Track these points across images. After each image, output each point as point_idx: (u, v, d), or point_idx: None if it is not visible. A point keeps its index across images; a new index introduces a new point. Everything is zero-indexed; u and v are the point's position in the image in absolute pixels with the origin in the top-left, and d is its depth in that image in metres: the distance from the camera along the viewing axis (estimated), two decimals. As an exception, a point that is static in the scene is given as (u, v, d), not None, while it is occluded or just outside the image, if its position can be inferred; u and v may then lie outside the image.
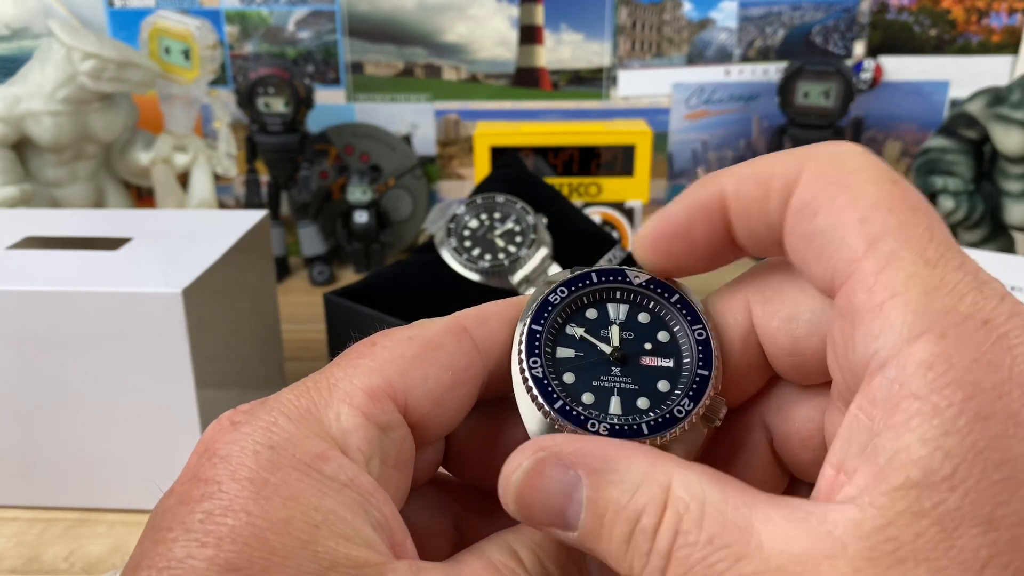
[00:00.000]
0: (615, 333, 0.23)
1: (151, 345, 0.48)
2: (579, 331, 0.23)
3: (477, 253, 0.62)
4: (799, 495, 0.18)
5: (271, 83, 0.86)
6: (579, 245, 0.67)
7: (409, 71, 0.98)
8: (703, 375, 0.22)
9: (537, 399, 0.21)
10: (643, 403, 0.22)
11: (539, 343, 0.22)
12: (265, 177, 0.94)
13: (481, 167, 0.86)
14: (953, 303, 0.17)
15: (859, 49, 0.97)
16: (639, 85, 0.99)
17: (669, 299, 0.23)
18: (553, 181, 0.84)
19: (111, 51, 0.77)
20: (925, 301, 0.17)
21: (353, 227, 0.92)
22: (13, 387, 0.49)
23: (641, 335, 0.23)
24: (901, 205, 0.18)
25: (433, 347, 0.22)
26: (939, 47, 0.97)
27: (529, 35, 0.96)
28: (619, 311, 0.23)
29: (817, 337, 0.21)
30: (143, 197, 0.98)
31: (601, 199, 0.88)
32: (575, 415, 0.21)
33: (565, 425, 0.21)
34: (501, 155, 0.85)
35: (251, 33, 0.96)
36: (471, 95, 0.99)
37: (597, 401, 0.22)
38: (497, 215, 0.64)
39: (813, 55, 0.97)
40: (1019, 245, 0.84)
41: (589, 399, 0.22)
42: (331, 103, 0.98)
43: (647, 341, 0.23)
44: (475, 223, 0.64)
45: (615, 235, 0.87)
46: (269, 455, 0.19)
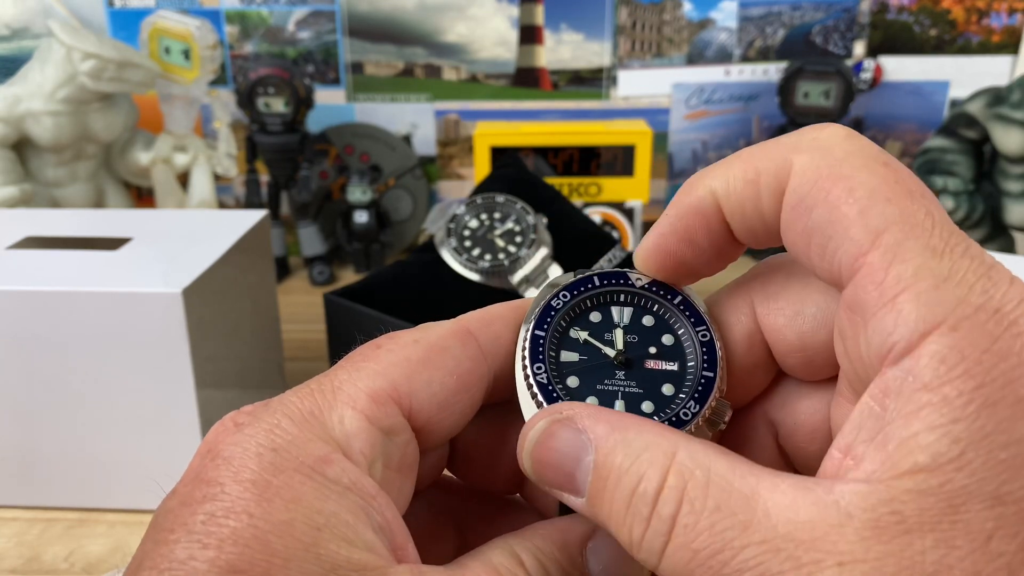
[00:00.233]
0: (619, 337, 0.23)
1: (151, 345, 0.48)
2: (583, 335, 0.23)
3: (477, 253, 0.62)
4: None
5: (271, 83, 0.86)
6: (579, 245, 0.67)
7: (409, 71, 0.98)
8: (708, 376, 0.22)
9: (542, 405, 0.21)
10: (647, 407, 0.22)
11: (543, 348, 0.22)
12: (265, 177, 0.94)
13: (481, 167, 0.86)
14: (964, 293, 0.17)
15: (859, 49, 0.97)
16: (639, 85, 0.99)
17: (672, 301, 0.23)
18: (553, 181, 0.84)
19: (111, 51, 0.77)
20: (936, 294, 0.17)
21: (353, 227, 0.92)
22: (13, 387, 0.49)
23: (645, 338, 0.23)
24: (898, 191, 0.18)
25: (438, 351, 0.22)
26: (939, 47, 0.97)
27: (529, 35, 0.96)
28: (623, 314, 0.23)
29: (824, 331, 0.21)
30: (143, 197, 0.98)
31: (601, 199, 0.88)
32: None
33: None
34: (501, 155, 0.85)
35: (251, 33, 0.96)
36: (471, 95, 0.99)
37: (601, 405, 0.22)
38: (497, 215, 0.64)
39: (813, 55, 0.97)
40: (1019, 245, 0.84)
41: (593, 403, 0.22)
42: (331, 103, 0.98)
43: (651, 344, 0.23)
44: (475, 223, 0.64)
45: (615, 235, 0.87)
46: (272, 457, 0.19)
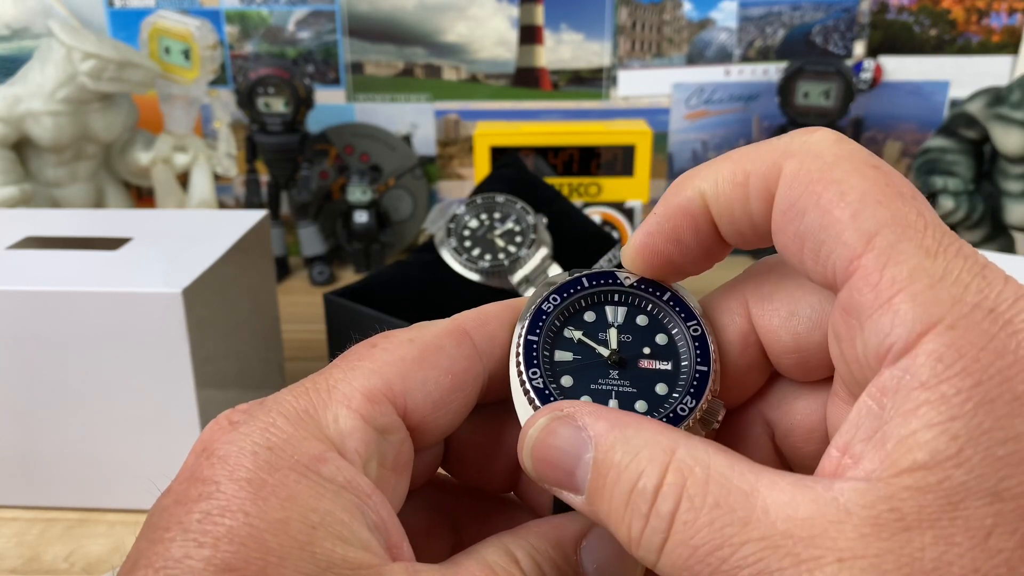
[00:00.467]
0: (613, 336, 0.23)
1: (151, 345, 0.48)
2: (577, 334, 0.23)
3: (477, 253, 0.62)
4: None
5: (271, 83, 0.86)
6: (579, 245, 0.67)
7: (409, 71, 0.98)
8: (702, 371, 0.22)
9: (538, 409, 0.21)
10: (641, 406, 0.22)
11: (536, 352, 0.22)
12: (265, 177, 0.94)
13: (481, 167, 0.86)
14: (959, 293, 0.17)
15: (859, 49, 0.97)
16: (639, 85, 0.99)
17: (661, 298, 0.23)
18: (553, 181, 0.84)
19: (111, 51, 0.77)
20: (932, 294, 0.17)
21: (353, 227, 0.92)
22: (13, 387, 0.49)
23: (639, 338, 0.23)
24: (888, 193, 0.18)
25: (433, 350, 0.22)
26: (939, 47, 0.97)
27: (529, 35, 0.96)
28: (617, 314, 0.23)
29: (819, 332, 0.21)
30: (143, 197, 0.98)
31: (601, 199, 0.88)
32: None
33: None
34: (501, 155, 0.85)
35: (251, 33, 0.96)
36: (471, 95, 0.99)
37: None
38: (497, 215, 0.64)
39: (813, 55, 0.97)
40: (1019, 245, 0.84)
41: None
42: (331, 103, 0.98)
43: (645, 344, 0.23)
44: (475, 223, 0.64)
45: (615, 235, 0.87)
46: (267, 456, 0.19)
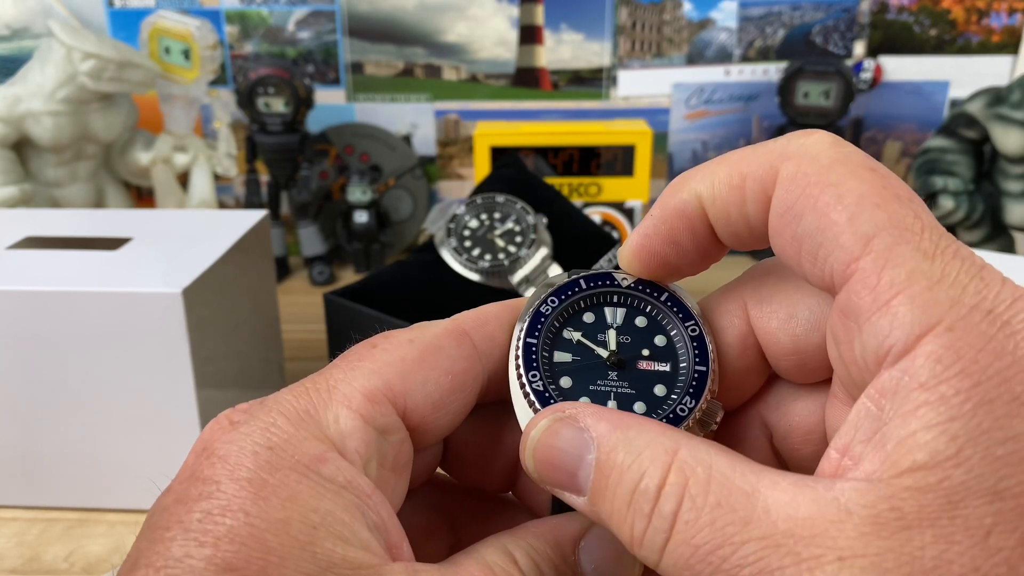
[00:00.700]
0: (612, 337, 0.23)
1: (151, 345, 0.48)
2: (576, 335, 0.23)
3: (477, 253, 0.62)
4: None
5: (271, 83, 0.86)
6: (579, 245, 0.67)
7: (409, 71, 0.98)
8: (701, 371, 0.22)
9: (539, 411, 0.21)
10: (639, 407, 0.22)
11: (536, 355, 0.22)
12: (265, 177, 0.94)
13: (481, 167, 0.86)
14: (957, 294, 0.17)
15: (859, 49, 0.97)
16: (639, 85, 0.99)
17: (659, 299, 0.23)
18: (553, 181, 0.84)
19: (111, 51, 0.77)
20: (930, 295, 0.17)
21: (353, 227, 0.92)
22: (13, 387, 0.49)
23: (638, 339, 0.23)
24: (885, 196, 0.18)
25: (433, 350, 0.22)
26: (939, 47, 0.97)
27: (529, 35, 0.96)
28: (616, 315, 0.23)
29: (817, 334, 0.21)
30: (143, 197, 0.98)
31: (601, 199, 0.88)
32: None
33: None
34: (501, 155, 0.85)
35: (251, 33, 0.96)
36: (471, 95, 0.99)
37: None
38: (497, 215, 0.64)
39: (813, 55, 0.97)
40: (1019, 245, 0.84)
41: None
42: (331, 103, 0.98)
43: (644, 346, 0.23)
44: (475, 223, 0.64)
45: (615, 235, 0.87)
46: (268, 456, 0.19)
